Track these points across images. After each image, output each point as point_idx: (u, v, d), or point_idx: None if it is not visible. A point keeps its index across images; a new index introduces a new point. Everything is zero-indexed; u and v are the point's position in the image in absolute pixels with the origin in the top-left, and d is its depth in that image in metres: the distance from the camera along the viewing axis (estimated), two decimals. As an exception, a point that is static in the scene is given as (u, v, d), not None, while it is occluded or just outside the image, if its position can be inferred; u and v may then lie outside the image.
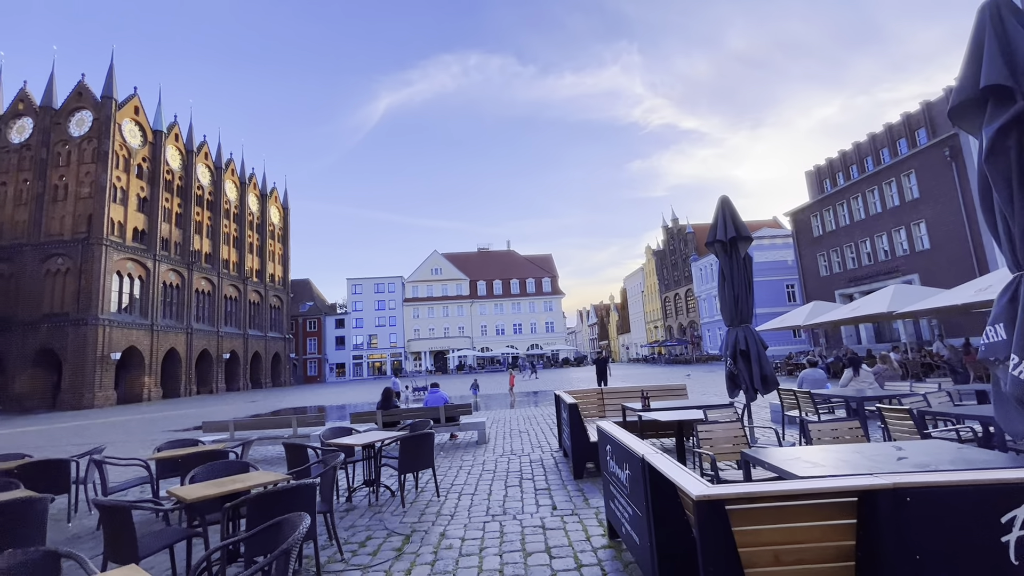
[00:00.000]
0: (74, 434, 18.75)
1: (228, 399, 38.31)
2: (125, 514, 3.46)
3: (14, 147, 40.53)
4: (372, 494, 6.38)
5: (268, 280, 61.18)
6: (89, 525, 6.19)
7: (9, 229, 39.05)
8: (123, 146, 41.38)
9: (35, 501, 3.78)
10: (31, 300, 37.39)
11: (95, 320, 36.60)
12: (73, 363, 36.26)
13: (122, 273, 39.93)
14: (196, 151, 50.30)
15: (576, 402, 6.72)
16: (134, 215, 41.85)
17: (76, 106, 40.90)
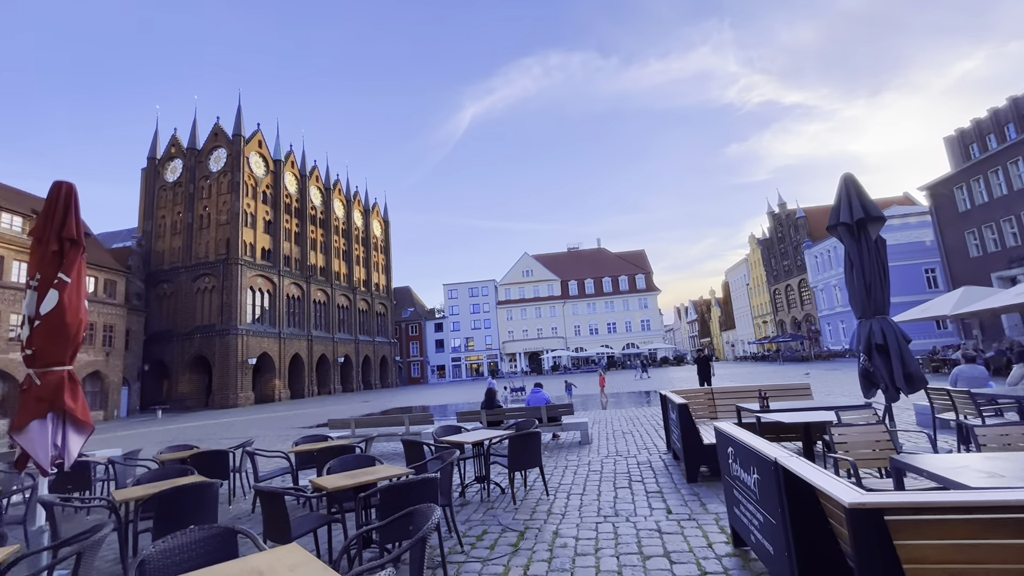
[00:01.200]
0: (224, 429, 21.60)
1: (344, 399, 41.87)
2: (279, 499, 3.92)
3: (169, 185, 47.84)
4: (483, 490, 6.60)
5: (374, 289, 65.94)
6: (245, 507, 7.09)
7: (169, 255, 46.11)
8: (251, 176, 47.05)
9: (209, 485, 4.41)
10: (186, 314, 43.82)
11: (235, 330, 41.94)
12: (220, 368, 41.86)
13: (254, 288, 45.35)
14: (308, 175, 55.73)
15: (685, 402, 6.42)
16: (261, 236, 47.36)
17: (214, 145, 47.29)
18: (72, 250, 5.04)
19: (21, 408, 4.77)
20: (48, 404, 4.81)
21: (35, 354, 4.85)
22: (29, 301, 4.91)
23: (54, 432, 4.84)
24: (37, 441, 4.77)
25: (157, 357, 43.43)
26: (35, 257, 4.98)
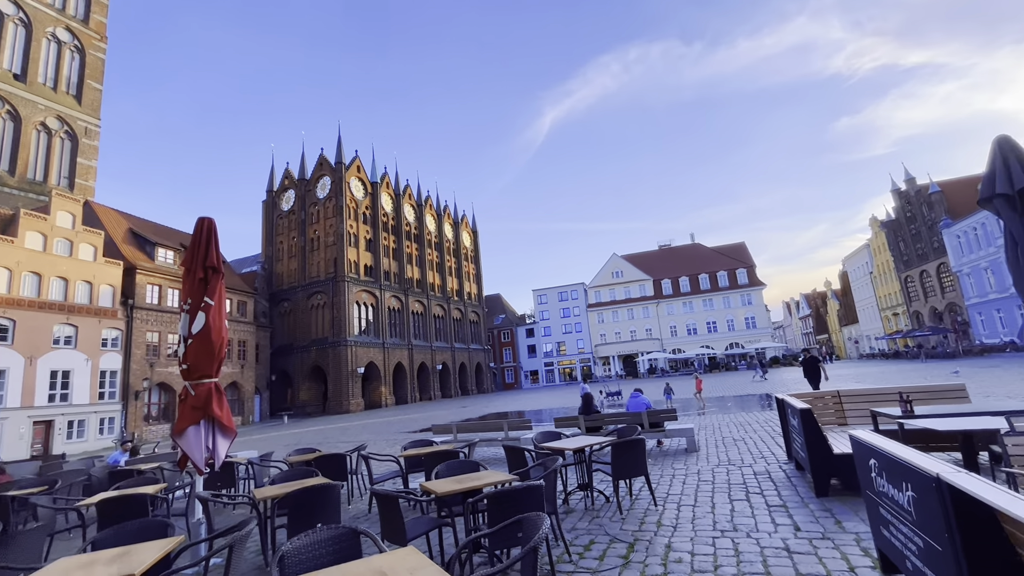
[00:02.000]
0: (340, 433, 23.48)
1: (443, 404, 43.66)
2: (394, 502, 4.12)
3: (285, 213, 53.42)
4: (587, 498, 6.46)
5: (466, 298, 68.27)
6: (362, 508, 7.59)
7: (287, 276, 51.40)
8: (352, 199, 51.07)
9: (332, 486, 4.76)
10: (304, 329, 48.47)
11: (345, 342, 45.58)
12: (334, 377, 45.69)
13: (359, 303, 49.01)
14: (402, 193, 59.27)
15: (808, 407, 5.80)
16: (364, 254, 51.13)
17: (319, 174, 52.06)
18: (214, 277, 5.75)
19: (180, 415, 5.52)
20: (201, 412, 5.51)
21: (189, 368, 5.60)
22: (183, 323, 5.68)
23: (206, 436, 5.53)
24: (193, 444, 5.48)
25: (281, 368, 48.49)
26: (186, 284, 5.76)
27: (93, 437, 28.45)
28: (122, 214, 37.75)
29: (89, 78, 40.93)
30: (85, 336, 28.69)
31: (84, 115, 40.08)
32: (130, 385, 30.77)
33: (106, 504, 5.67)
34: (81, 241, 29.19)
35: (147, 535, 4.06)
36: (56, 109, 38.36)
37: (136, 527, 3.96)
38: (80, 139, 39.63)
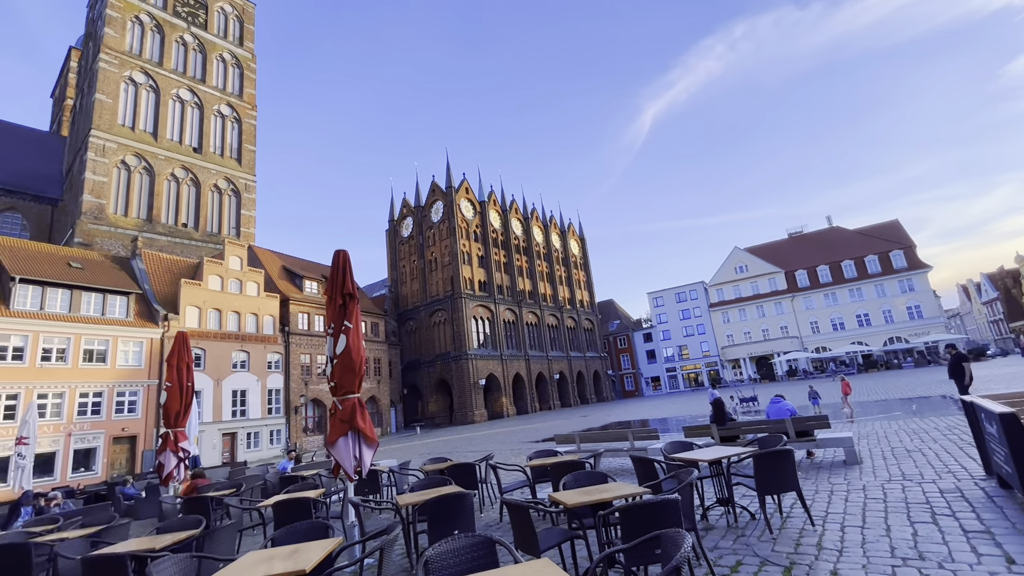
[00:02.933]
0: (467, 443, 24.53)
1: (563, 414, 43.57)
2: (526, 513, 4.15)
3: (405, 239, 57.97)
4: (728, 515, 5.95)
5: (578, 306, 67.84)
6: (493, 516, 7.79)
7: (411, 297, 55.55)
8: (463, 220, 53.82)
9: (465, 495, 4.95)
10: (428, 345, 51.84)
11: (465, 355, 47.81)
12: (458, 389, 48.09)
13: (476, 317, 51.18)
14: (508, 208, 61.07)
15: (1012, 411, 4.74)
16: (477, 271, 53.44)
17: (433, 200, 55.75)
18: (351, 302, 6.38)
19: (331, 428, 6.16)
20: (348, 424, 6.11)
21: (336, 385, 6.25)
22: (329, 345, 6.37)
23: (353, 447, 6.10)
24: (343, 454, 6.08)
25: (411, 382, 52.28)
26: (329, 311, 6.47)
27: (265, 447, 33.12)
28: (275, 253, 43.88)
29: (246, 142, 48.57)
30: (255, 360, 33.68)
31: (244, 174, 47.57)
32: (290, 401, 35.39)
33: (280, 505, 6.51)
34: (248, 280, 34.48)
35: (313, 535, 4.56)
36: (224, 172, 46.05)
37: (305, 527, 4.46)
38: (242, 194, 47.06)
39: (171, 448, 8.78)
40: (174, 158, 42.95)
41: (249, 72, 50.88)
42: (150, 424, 27.31)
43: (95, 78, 40.51)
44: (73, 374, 25.05)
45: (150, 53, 43.85)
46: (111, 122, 39.78)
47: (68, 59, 62.83)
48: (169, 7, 45.97)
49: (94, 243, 36.32)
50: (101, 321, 26.55)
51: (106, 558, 4.30)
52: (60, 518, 8.36)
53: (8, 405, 22.76)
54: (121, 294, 27.90)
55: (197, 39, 47.32)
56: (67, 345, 25.11)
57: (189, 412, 9.29)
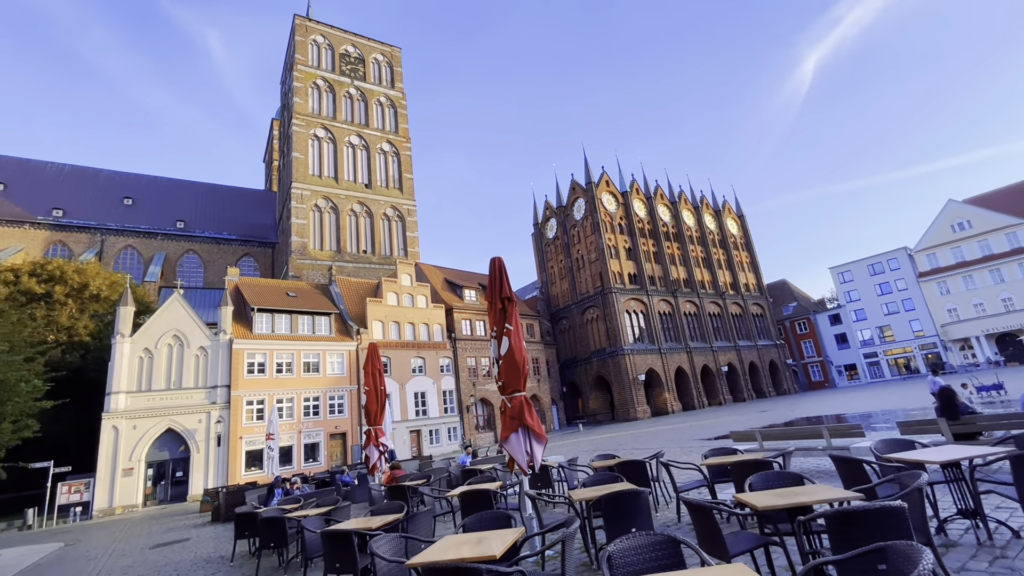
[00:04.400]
0: (632, 440, 23.95)
1: (736, 409, 39.90)
2: (709, 514, 3.88)
3: (550, 241, 59.18)
4: (977, 529, 4.80)
5: (743, 290, 61.72)
6: (669, 516, 7.46)
7: (561, 296, 56.47)
8: (606, 214, 53.00)
9: (641, 492, 4.82)
10: (583, 342, 52.04)
11: (621, 351, 46.85)
12: (617, 385, 47.34)
13: (629, 311, 49.86)
14: (653, 195, 58.39)
15: None
16: (626, 264, 52.09)
17: (574, 198, 56.00)
18: (509, 306, 6.71)
19: (503, 425, 6.54)
20: (517, 421, 6.42)
21: (504, 384, 6.62)
22: (493, 347, 6.79)
23: (524, 442, 6.39)
24: (516, 449, 6.40)
25: (570, 380, 53.01)
26: (491, 315, 6.88)
27: (445, 442, 36.65)
28: (437, 268, 48.44)
29: (404, 172, 54.66)
30: (430, 365, 37.57)
31: (405, 200, 53.56)
32: (462, 401, 38.65)
33: (465, 496, 7.12)
34: (417, 294, 38.69)
35: (497, 524, 4.87)
36: (390, 201, 52.43)
37: (489, 516, 4.80)
38: (406, 219, 53.00)
39: (373, 443, 10.24)
40: (352, 195, 50.27)
41: (401, 109, 57.20)
42: (355, 423, 32.19)
43: (291, 140, 49.54)
44: (297, 382, 30.80)
45: (327, 110, 52.10)
46: (304, 174, 48.18)
47: (271, 129, 77.93)
48: (336, 68, 54.08)
49: (302, 275, 44.29)
50: (312, 338, 32.21)
51: (337, 533, 5.16)
52: (301, 499, 10.31)
53: (258, 409, 28.90)
54: (324, 315, 33.49)
55: (359, 90, 54.82)
56: (292, 359, 30.98)
57: (384, 412, 10.72)
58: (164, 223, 51.76)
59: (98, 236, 47.83)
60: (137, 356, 26.07)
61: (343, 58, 55.09)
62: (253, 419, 28.45)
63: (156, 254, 49.54)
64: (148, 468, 25.43)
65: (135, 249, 49.34)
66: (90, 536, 16.11)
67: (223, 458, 26.88)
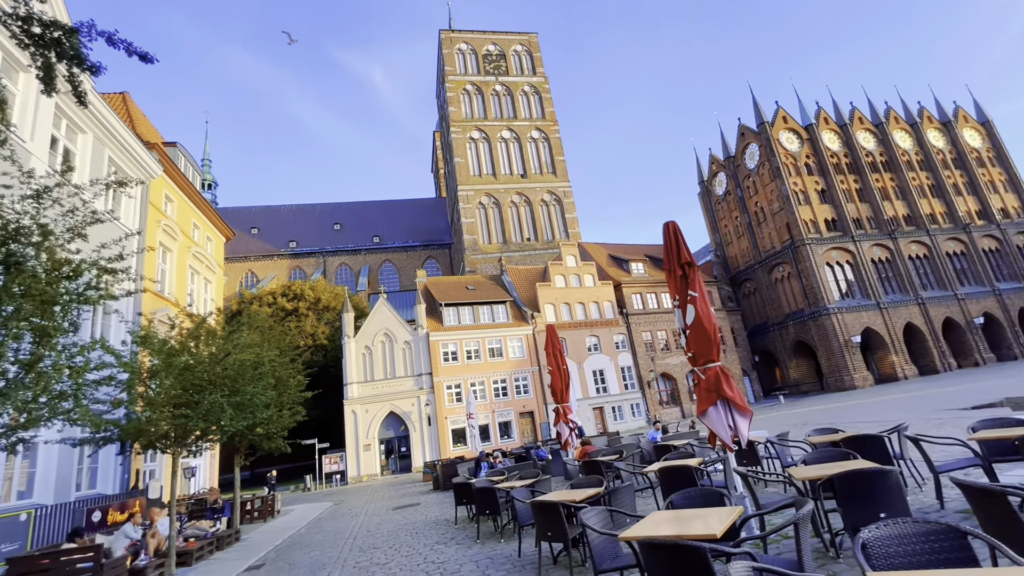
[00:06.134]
0: (853, 411, 20.51)
1: (1002, 371, 31.23)
2: (1002, 500, 3.02)
3: (720, 198, 53.76)
4: None
5: (997, 216, 47.78)
6: (925, 500, 6.12)
7: (740, 257, 51.00)
8: (787, 155, 45.96)
9: (890, 472, 4.01)
10: (773, 305, 46.28)
11: (825, 310, 40.39)
12: (823, 350, 41.04)
13: (831, 263, 42.64)
14: (849, 121, 48.69)
15: None
16: (820, 208, 44.57)
17: (743, 145, 49.81)
18: (690, 271, 6.20)
19: (699, 398, 6.09)
20: (715, 394, 5.91)
21: (694, 356, 6.16)
22: (678, 317, 6.35)
23: (726, 415, 5.86)
24: (716, 423, 5.91)
25: (761, 348, 47.73)
26: (671, 284, 6.44)
27: (629, 418, 36.31)
28: (600, 245, 47.89)
29: (556, 155, 55.13)
30: (604, 342, 37.52)
31: (560, 183, 54.04)
32: (641, 377, 37.73)
33: (664, 472, 6.87)
34: (583, 273, 38.86)
35: (706, 501, 4.56)
36: (545, 186, 53.49)
37: (698, 494, 4.51)
38: (563, 200, 53.52)
39: (563, 420, 10.57)
40: (510, 188, 52.63)
41: (545, 94, 57.66)
42: (540, 402, 33.92)
43: (451, 148, 53.89)
44: (485, 367, 33.62)
45: (478, 112, 55.28)
46: (467, 176, 51.99)
47: (434, 141, 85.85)
48: (481, 69, 56.89)
49: (476, 269, 48.06)
50: (493, 326, 34.76)
51: (545, 504, 5.41)
52: (505, 472, 11.20)
53: (456, 392, 32.36)
54: (500, 303, 35.84)
55: (504, 85, 56.84)
56: (478, 346, 33.91)
57: (569, 390, 11.00)
58: (364, 240, 61.13)
59: (321, 258, 58.78)
60: (360, 352, 31.38)
61: (486, 58, 57.64)
62: (453, 401, 31.99)
63: (362, 267, 58.87)
64: (380, 444, 30.54)
65: (347, 265, 59.36)
66: (349, 497, 20.03)
67: (434, 435, 30.85)
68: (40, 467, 11.07)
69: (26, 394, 4.64)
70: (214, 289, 22.97)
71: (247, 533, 12.71)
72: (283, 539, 11.37)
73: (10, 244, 4.62)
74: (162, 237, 17.95)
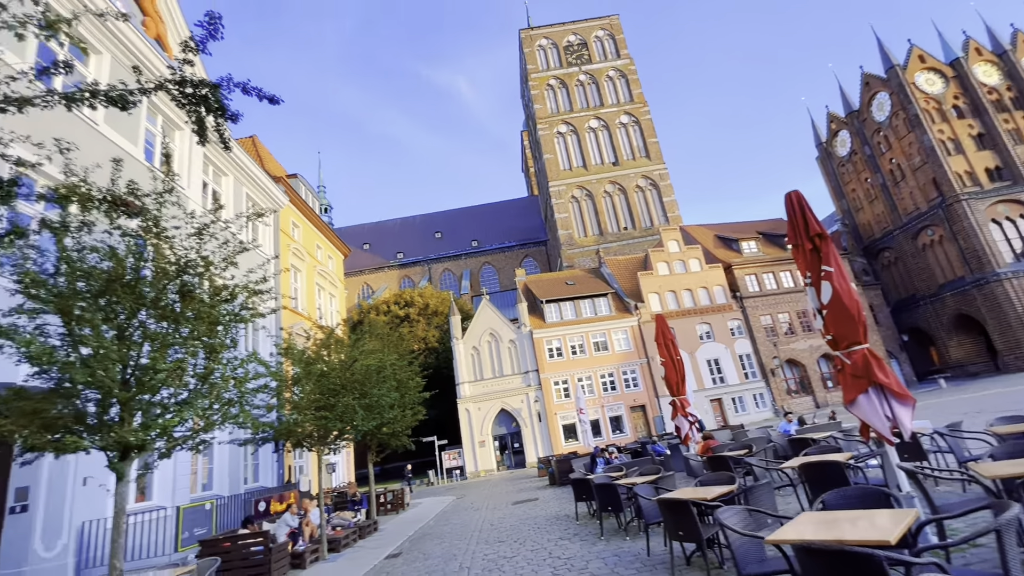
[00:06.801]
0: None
1: None
2: None
3: (844, 159, 47.68)
4: None
5: None
6: None
7: (875, 223, 44.81)
8: (927, 100, 39.51)
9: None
10: (922, 274, 40.02)
11: (994, 276, 34.07)
12: (995, 324, 34.64)
13: (997, 220, 35.86)
14: (1012, 47, 40.53)
15: None
16: (975, 156, 37.69)
17: (870, 95, 43.69)
18: (823, 243, 5.50)
19: (845, 386, 5.38)
20: (864, 380, 5.18)
21: (834, 338, 5.45)
22: (811, 296, 5.66)
23: (880, 404, 5.12)
24: (869, 413, 5.17)
25: (910, 325, 41.51)
26: (799, 260, 5.78)
27: (752, 409, 33.58)
28: (705, 226, 44.90)
29: (648, 137, 52.81)
30: (717, 329, 35.11)
31: (655, 166, 51.67)
32: (763, 364, 34.70)
33: (806, 468, 6.20)
34: (688, 258, 36.73)
35: (867, 503, 4.01)
36: (639, 171, 51.48)
37: (856, 493, 4.00)
38: (659, 184, 51.12)
39: (681, 413, 10.03)
40: (602, 178, 51.45)
41: (631, 76, 55.48)
42: (651, 395, 32.70)
43: (539, 145, 54.03)
44: (591, 362, 33.18)
45: (563, 105, 54.79)
46: (557, 171, 51.77)
47: (521, 140, 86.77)
48: (563, 62, 56.30)
49: (574, 263, 47.66)
50: (595, 320, 34.20)
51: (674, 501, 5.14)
52: (623, 467, 10.91)
53: (564, 388, 32.34)
54: (601, 296, 35.16)
55: (588, 73, 55.69)
56: (582, 341, 33.58)
57: (685, 382, 10.41)
58: (463, 245, 63.57)
59: (425, 266, 62.23)
60: (468, 353, 32.64)
61: (567, 49, 56.93)
62: (562, 397, 32.02)
63: (463, 271, 61.28)
64: (494, 440, 31.52)
65: (450, 271, 62.18)
66: (469, 491, 20.91)
67: (545, 431, 31.13)
68: (216, 464, 12.99)
69: (204, 402, 5.45)
70: (338, 302, 25.32)
71: (383, 524, 13.79)
72: (415, 530, 12.16)
73: (183, 276, 5.46)
74: (293, 259, 20.16)
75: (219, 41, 3.73)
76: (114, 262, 5.07)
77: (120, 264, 5.09)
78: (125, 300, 4.96)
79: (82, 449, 4.51)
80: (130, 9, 12.42)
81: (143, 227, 5.43)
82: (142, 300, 5.07)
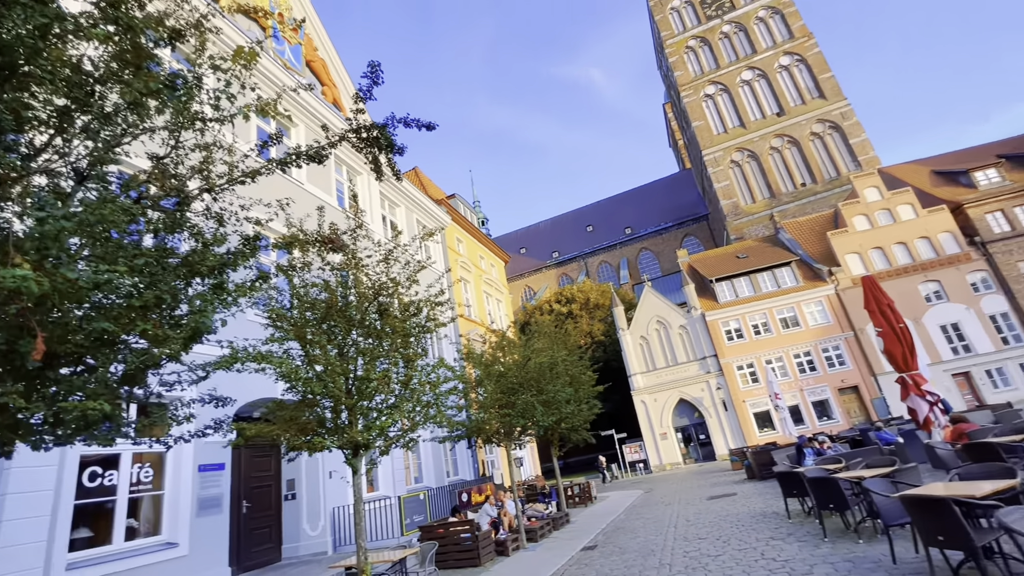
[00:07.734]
0: None
1: None
2: None
3: None
4: None
5: None
6: None
7: None
8: None
9: None
10: None
11: None
12: None
13: None
14: None
15: None
16: None
17: None
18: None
19: None
20: None
21: None
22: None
23: None
24: None
25: None
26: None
27: (1020, 383, 26.05)
28: (914, 164, 36.49)
29: (819, 73, 45.12)
30: (950, 286, 28.10)
31: (833, 104, 43.86)
32: (1031, 324, 26.67)
33: None
34: (894, 205, 30.18)
35: None
36: (813, 116, 44.25)
37: None
38: (842, 125, 43.25)
39: (915, 392, 8.21)
40: (766, 133, 45.54)
41: (787, 8, 48.07)
42: (865, 373, 27.69)
43: (686, 114, 50.12)
44: (780, 340, 29.43)
45: (707, 65, 49.98)
46: (710, 138, 47.38)
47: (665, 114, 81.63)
48: (701, 18, 51.40)
49: (743, 234, 42.97)
50: (779, 293, 30.27)
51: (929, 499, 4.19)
52: (841, 459, 9.37)
53: (750, 372, 29.25)
54: (783, 266, 31.00)
55: (732, 22, 49.91)
56: (765, 318, 30.01)
57: (915, 354, 8.49)
58: (616, 234, 62.13)
59: (581, 261, 62.36)
60: (637, 343, 31.67)
61: (703, 3, 51.88)
62: (748, 383, 29.03)
63: (620, 260, 59.86)
64: (676, 432, 29.97)
65: (607, 262, 61.33)
66: (657, 486, 20.20)
67: (733, 420, 28.53)
68: (423, 460, 14.75)
69: (408, 405, 6.21)
70: (504, 306, 26.85)
71: (573, 517, 14.09)
72: (606, 523, 12.14)
73: (379, 297, 6.30)
74: (461, 272, 21.98)
75: (380, 86, 4.20)
76: (328, 292, 6.10)
77: (333, 294, 6.10)
78: (340, 323, 5.93)
79: (326, 448, 5.49)
80: (311, 81, 14.95)
81: (345, 261, 6.43)
82: (352, 322, 6.00)
